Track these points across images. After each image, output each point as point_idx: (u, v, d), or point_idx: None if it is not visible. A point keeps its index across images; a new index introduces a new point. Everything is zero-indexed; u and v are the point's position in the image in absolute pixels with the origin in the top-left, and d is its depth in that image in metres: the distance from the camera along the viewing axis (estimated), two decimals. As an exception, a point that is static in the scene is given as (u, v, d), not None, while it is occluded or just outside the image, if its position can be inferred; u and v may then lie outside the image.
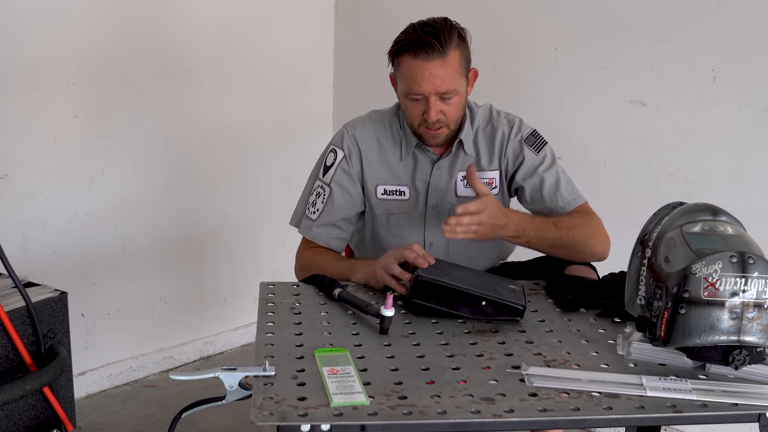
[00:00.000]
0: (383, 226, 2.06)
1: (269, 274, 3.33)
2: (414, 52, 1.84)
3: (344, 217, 2.03)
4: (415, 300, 1.64)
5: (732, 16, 2.42)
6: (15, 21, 2.56)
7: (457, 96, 1.89)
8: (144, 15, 2.90)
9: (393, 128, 2.04)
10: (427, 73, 1.84)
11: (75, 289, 2.37)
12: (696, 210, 1.44)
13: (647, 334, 1.40)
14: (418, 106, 1.90)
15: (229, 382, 1.32)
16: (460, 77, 1.88)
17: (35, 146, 2.68)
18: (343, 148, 2.02)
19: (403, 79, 1.90)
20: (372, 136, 2.04)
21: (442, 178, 2.03)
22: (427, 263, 1.68)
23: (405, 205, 2.05)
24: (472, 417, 1.21)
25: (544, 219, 1.93)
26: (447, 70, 1.84)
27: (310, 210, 2.04)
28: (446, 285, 1.63)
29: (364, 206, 2.06)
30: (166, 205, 3.10)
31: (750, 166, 2.45)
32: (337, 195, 2.01)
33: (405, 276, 1.71)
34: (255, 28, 3.27)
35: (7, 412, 1.92)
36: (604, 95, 2.74)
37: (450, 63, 1.84)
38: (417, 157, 2.03)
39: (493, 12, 2.99)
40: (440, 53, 1.82)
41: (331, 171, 2.02)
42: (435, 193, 2.03)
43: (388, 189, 2.04)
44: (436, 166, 2.02)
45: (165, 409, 2.88)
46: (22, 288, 1.91)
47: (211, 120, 3.19)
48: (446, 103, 1.88)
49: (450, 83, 1.85)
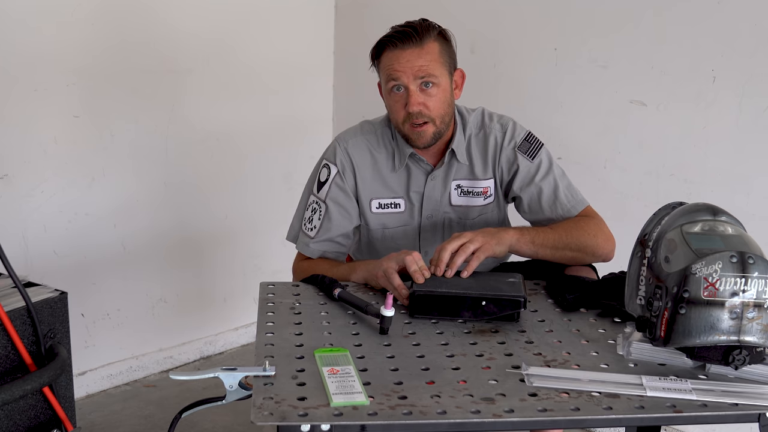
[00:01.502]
0: (378, 239, 2.05)
1: (269, 275, 3.33)
2: (392, 44, 1.88)
3: (342, 233, 2.02)
4: (417, 316, 1.64)
5: (732, 16, 2.42)
6: (15, 21, 2.56)
7: (438, 88, 1.89)
8: (144, 15, 2.90)
9: (385, 139, 2.03)
10: (405, 60, 1.86)
11: (75, 289, 2.37)
12: (696, 210, 1.44)
13: (647, 334, 1.40)
14: (399, 100, 1.89)
15: (229, 382, 1.32)
16: (440, 67, 1.89)
17: (35, 146, 2.68)
18: (336, 163, 2.01)
19: (383, 71, 1.91)
20: (364, 148, 2.02)
21: (436, 189, 2.02)
22: (423, 277, 1.68)
23: (400, 218, 2.04)
24: (472, 417, 1.21)
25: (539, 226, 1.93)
26: (425, 57, 1.86)
27: (306, 227, 2.03)
28: (443, 294, 1.63)
29: (360, 220, 2.05)
30: (166, 205, 3.10)
31: (750, 166, 2.45)
32: (333, 212, 2.00)
33: (403, 291, 1.69)
34: (255, 28, 3.27)
35: (7, 412, 1.92)
36: (603, 95, 2.74)
37: (428, 51, 1.87)
38: (410, 169, 2.02)
39: (493, 12, 2.99)
40: (417, 42, 1.86)
41: (325, 187, 2.01)
42: (429, 203, 2.03)
43: (382, 203, 2.03)
44: (429, 177, 2.01)
45: (165, 409, 2.88)
46: (22, 288, 1.91)
47: (211, 120, 3.19)
48: (427, 94, 1.88)
49: (428, 69, 1.86)
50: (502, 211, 2.10)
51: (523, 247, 1.85)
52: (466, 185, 2.03)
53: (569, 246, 1.87)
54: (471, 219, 2.05)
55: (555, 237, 1.87)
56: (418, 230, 2.05)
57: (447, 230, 2.05)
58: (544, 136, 2.06)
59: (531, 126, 2.08)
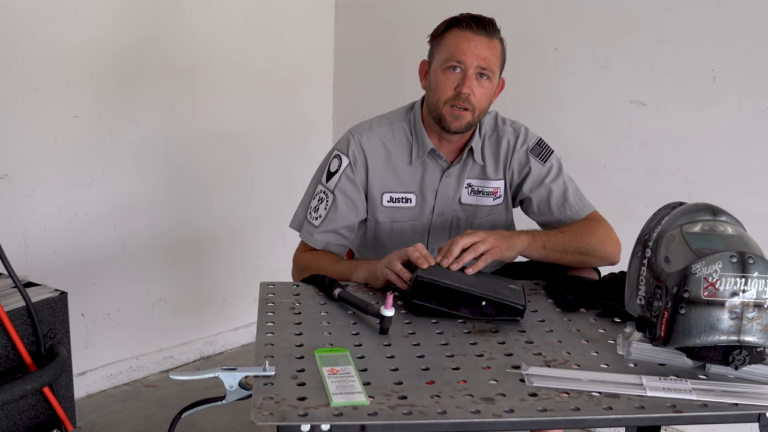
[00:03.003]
0: (386, 233, 2.05)
1: (269, 274, 3.33)
2: (465, 24, 1.91)
3: (347, 225, 2.01)
4: (415, 300, 1.64)
5: (732, 16, 2.42)
6: (15, 21, 2.56)
7: (490, 83, 1.91)
8: (144, 15, 2.90)
9: (402, 132, 2.02)
10: (473, 44, 1.89)
11: (75, 289, 2.37)
12: (696, 210, 1.45)
13: (647, 334, 1.40)
14: (453, 78, 1.90)
15: (229, 382, 1.32)
16: (497, 67, 1.93)
17: (35, 146, 2.68)
18: (348, 155, 2.00)
19: (445, 48, 1.91)
20: (378, 142, 2.02)
21: (450, 186, 2.03)
22: (427, 263, 1.68)
23: (410, 213, 2.04)
24: (472, 417, 1.21)
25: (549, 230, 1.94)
26: (491, 50, 1.91)
27: (312, 215, 2.02)
28: (446, 285, 1.63)
29: (367, 213, 2.05)
30: (166, 205, 3.10)
31: (750, 166, 2.45)
32: (340, 203, 1.99)
33: (405, 274, 1.70)
34: (255, 28, 3.27)
35: (7, 412, 1.92)
36: (604, 95, 2.74)
37: (494, 46, 1.92)
38: (426, 164, 2.02)
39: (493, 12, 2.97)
40: (488, 34, 1.91)
41: (335, 177, 2.00)
42: (442, 200, 2.03)
43: (394, 197, 2.03)
44: (445, 174, 2.01)
45: (165, 409, 2.88)
46: (22, 288, 1.91)
47: (211, 120, 3.19)
48: (480, 84, 1.90)
49: (490, 62, 1.90)
50: (509, 214, 2.10)
51: (534, 252, 1.85)
52: (477, 184, 2.04)
53: (578, 250, 1.88)
54: (479, 218, 2.06)
55: (565, 241, 1.87)
56: (428, 226, 2.05)
57: (455, 228, 2.05)
58: (544, 136, 2.07)
59: (531, 126, 2.08)
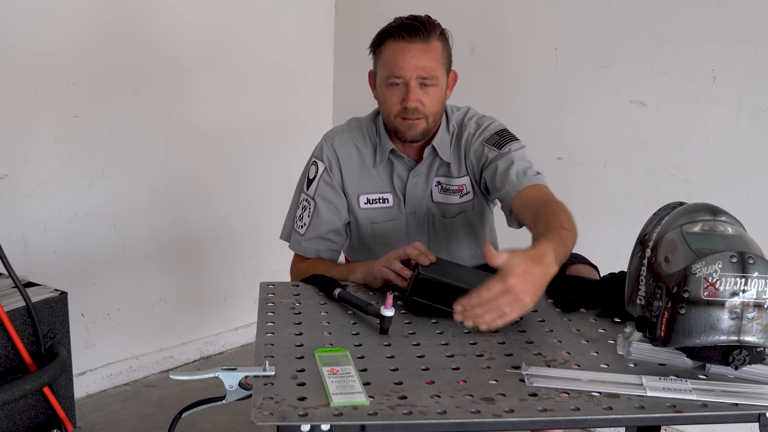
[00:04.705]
0: (368, 234, 2.05)
1: (269, 275, 3.33)
2: (398, 35, 1.85)
3: (332, 230, 2.02)
4: (415, 298, 1.63)
5: (732, 16, 2.42)
6: (15, 21, 2.56)
7: (436, 87, 1.88)
8: (144, 15, 2.90)
9: (370, 135, 2.04)
10: (410, 55, 1.84)
11: (75, 289, 2.37)
12: (696, 210, 1.44)
13: (647, 334, 1.40)
14: (397, 93, 1.88)
15: (229, 382, 1.32)
16: (441, 68, 1.89)
17: (35, 146, 2.68)
18: (323, 160, 2.02)
19: (384, 64, 1.89)
20: (351, 145, 2.03)
21: (418, 186, 2.02)
22: (428, 260, 1.68)
23: (389, 213, 2.04)
24: (472, 417, 1.21)
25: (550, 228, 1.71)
26: (430, 55, 1.85)
27: (297, 224, 2.03)
28: (446, 283, 1.62)
29: (350, 216, 2.05)
30: (166, 205, 3.10)
31: (750, 166, 2.45)
32: (322, 208, 2.00)
33: (405, 272, 1.70)
34: (255, 28, 3.27)
35: (7, 412, 1.92)
36: (604, 95, 2.74)
37: (433, 49, 1.86)
38: (393, 165, 2.02)
39: (493, 12, 2.99)
40: (423, 38, 1.85)
41: (314, 184, 2.01)
42: (411, 199, 2.03)
43: (371, 197, 2.03)
44: (412, 173, 2.01)
45: (165, 409, 2.88)
46: (22, 288, 1.91)
47: (211, 120, 3.19)
48: (426, 92, 1.88)
49: (431, 69, 1.86)
50: (486, 208, 2.08)
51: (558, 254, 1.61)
52: (444, 182, 2.03)
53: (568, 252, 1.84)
54: (451, 216, 2.05)
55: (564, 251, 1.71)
56: (406, 226, 2.05)
57: (431, 226, 2.05)
58: (544, 136, 2.06)
59: (531, 126, 2.07)
